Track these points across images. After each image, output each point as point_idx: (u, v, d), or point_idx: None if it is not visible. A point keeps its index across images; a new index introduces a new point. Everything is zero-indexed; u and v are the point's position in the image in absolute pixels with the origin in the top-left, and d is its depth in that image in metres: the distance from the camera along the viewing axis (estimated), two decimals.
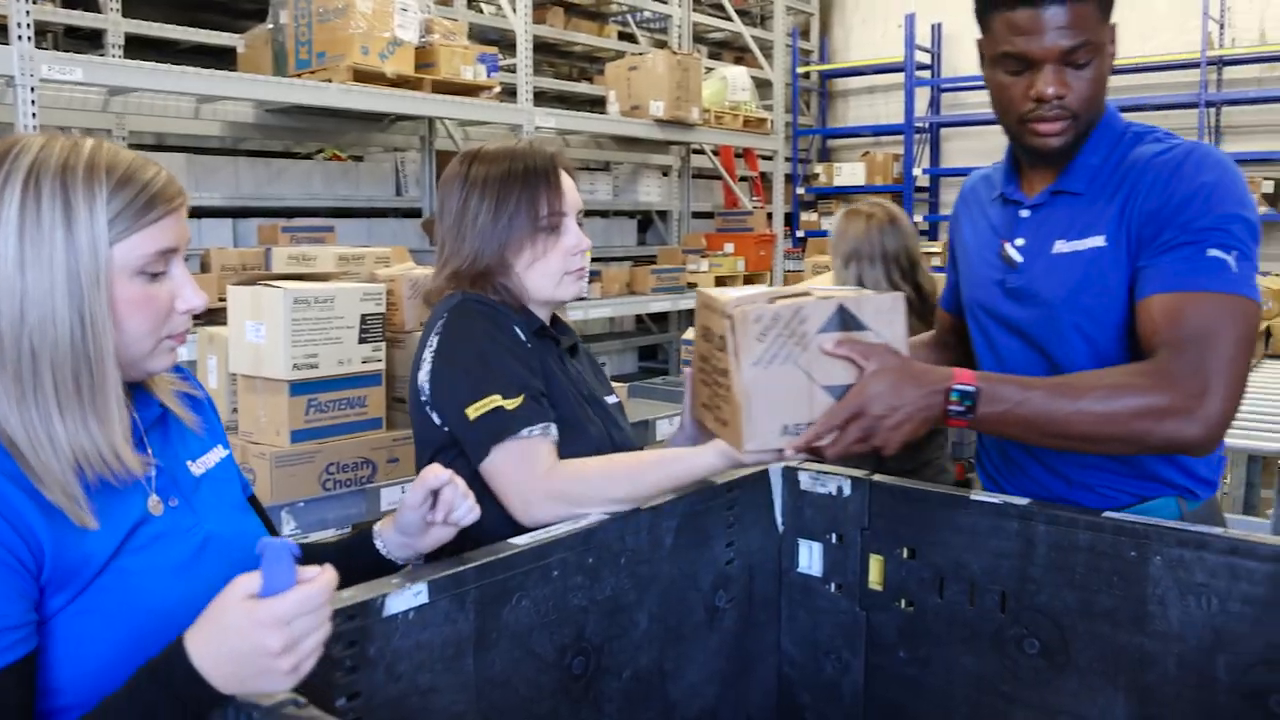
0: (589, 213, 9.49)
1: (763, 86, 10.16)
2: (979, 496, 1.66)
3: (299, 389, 2.83)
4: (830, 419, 1.51)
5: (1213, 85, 9.55)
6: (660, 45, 9.75)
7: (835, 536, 1.78)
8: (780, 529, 1.83)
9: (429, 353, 1.76)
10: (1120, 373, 1.61)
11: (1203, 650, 1.48)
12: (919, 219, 11.64)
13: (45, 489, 1.16)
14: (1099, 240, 1.73)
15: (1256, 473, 4.72)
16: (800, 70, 12.09)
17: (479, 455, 1.67)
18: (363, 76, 5.66)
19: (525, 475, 1.64)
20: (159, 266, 1.24)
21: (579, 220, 1.90)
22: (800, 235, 12.14)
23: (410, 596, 1.28)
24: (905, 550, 1.72)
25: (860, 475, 1.77)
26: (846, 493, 1.77)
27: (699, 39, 10.60)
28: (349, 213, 7.37)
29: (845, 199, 12.28)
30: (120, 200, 1.20)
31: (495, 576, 1.38)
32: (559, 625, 1.47)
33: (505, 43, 8.00)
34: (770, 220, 9.76)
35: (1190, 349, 1.55)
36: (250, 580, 1.04)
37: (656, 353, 10.41)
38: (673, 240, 9.70)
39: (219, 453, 1.45)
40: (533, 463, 1.65)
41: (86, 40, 6.59)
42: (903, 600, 1.73)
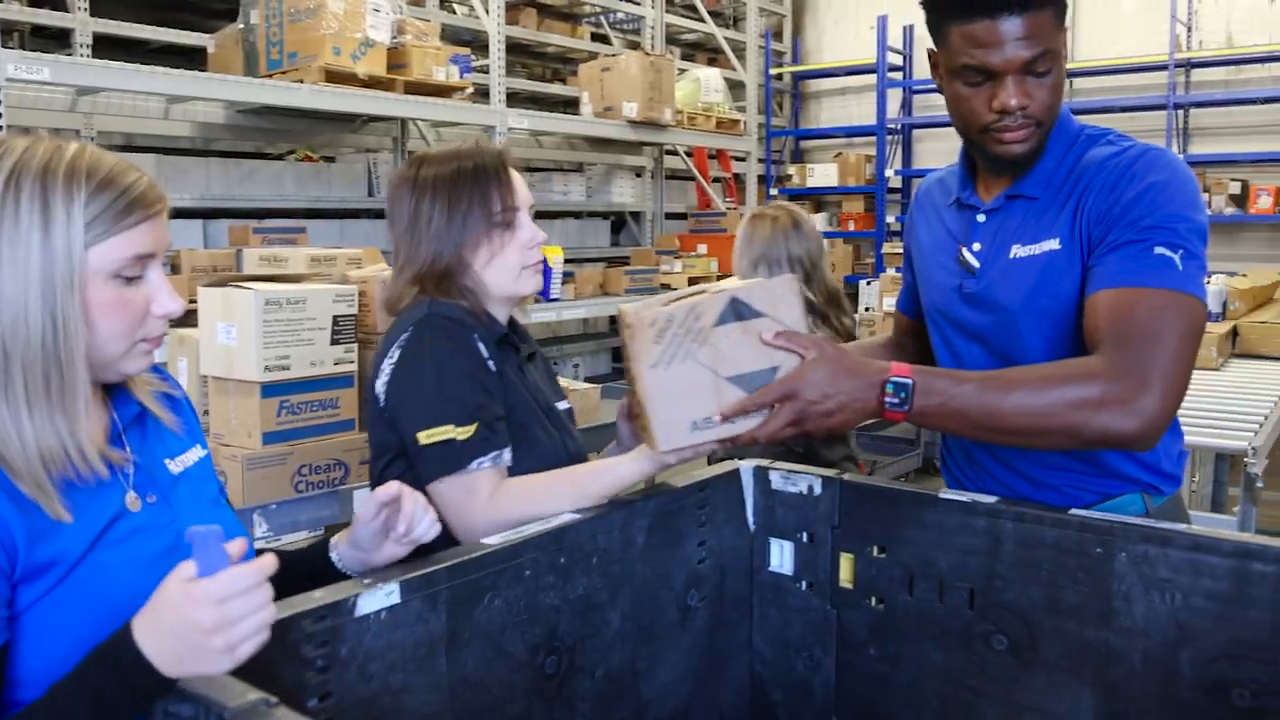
0: (563, 214, 9.50)
1: (736, 88, 10.19)
2: (948, 495, 1.68)
3: (270, 391, 2.83)
4: (761, 398, 1.54)
5: (1180, 88, 9.63)
6: (633, 46, 9.76)
7: (806, 535, 1.79)
8: (752, 528, 1.84)
9: (389, 364, 1.76)
10: (1058, 365, 1.61)
11: (1167, 645, 1.49)
12: (891, 220, 11.70)
13: (20, 482, 1.17)
14: (1054, 244, 1.74)
15: (1224, 470, 4.77)
16: (773, 71, 12.13)
17: (425, 479, 1.69)
18: (334, 77, 5.64)
19: (469, 505, 1.67)
20: (135, 271, 1.25)
21: (530, 216, 1.92)
22: None
23: (382, 596, 1.28)
24: (875, 548, 1.73)
25: (831, 474, 1.79)
26: (817, 491, 1.78)
27: (672, 40, 10.62)
28: (321, 214, 7.35)
29: (819, 200, 12.35)
30: (98, 204, 1.21)
31: (467, 576, 1.38)
32: (531, 625, 1.47)
33: (478, 43, 7.99)
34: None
35: (1132, 344, 1.55)
36: (190, 565, 1.07)
37: None
38: (646, 241, 9.71)
39: (197, 452, 1.46)
40: (477, 493, 1.68)
41: (54, 39, 6.54)
42: (873, 598, 1.74)
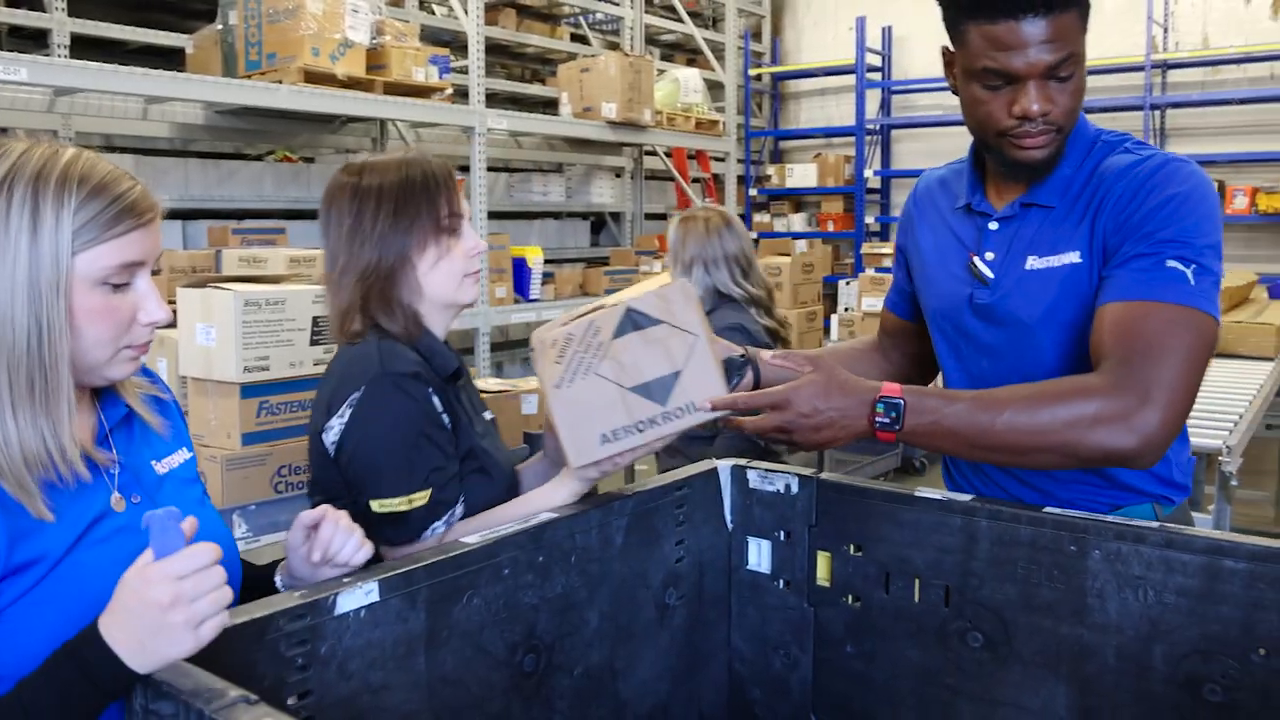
0: (542, 214, 9.50)
1: (715, 88, 10.21)
2: (923, 493, 1.69)
3: (250, 391, 2.83)
4: (754, 399, 1.57)
5: (1157, 88, 9.69)
6: (612, 47, 9.77)
7: (783, 534, 1.80)
8: (729, 527, 1.85)
9: (339, 421, 1.73)
10: (1052, 383, 1.58)
11: (1140, 641, 1.51)
12: (871, 220, 11.73)
13: (3, 481, 1.18)
14: (1074, 256, 1.70)
15: (1201, 469, 4.80)
16: (752, 72, 12.15)
17: (378, 543, 1.62)
18: (313, 78, 5.63)
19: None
20: (122, 278, 1.26)
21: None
22: (753, 237, 12.19)
23: (361, 595, 1.28)
24: (852, 547, 1.74)
25: (808, 473, 1.80)
26: (794, 490, 1.79)
27: (651, 41, 10.62)
28: (300, 214, 7.31)
29: (798, 200, 12.37)
30: (88, 211, 1.22)
31: (446, 575, 1.38)
32: (510, 623, 1.48)
33: (457, 44, 7.98)
34: None
35: (1135, 358, 1.52)
36: (148, 554, 1.09)
37: None
38: (626, 242, 9.73)
39: (183, 454, 1.47)
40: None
41: (31, 40, 6.50)
42: (850, 596, 1.75)
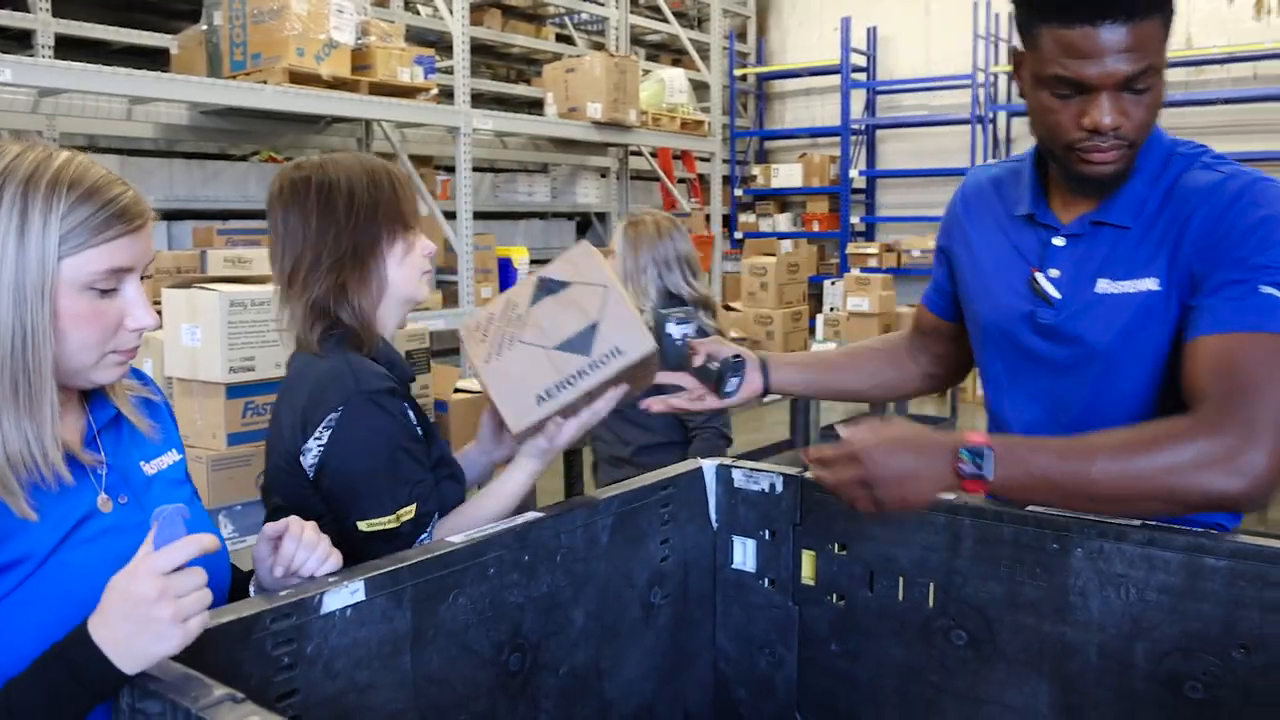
0: (528, 215, 9.51)
1: (700, 89, 10.22)
2: None
3: (235, 392, 2.82)
4: (827, 454, 1.50)
5: None
6: (598, 47, 9.78)
7: (768, 533, 1.81)
8: (714, 526, 1.85)
9: (316, 444, 1.71)
10: (1147, 427, 1.50)
11: (1122, 638, 1.51)
12: (856, 220, 11.77)
13: None
14: (1151, 283, 1.60)
15: None
16: (737, 72, 12.17)
17: (362, 556, 1.55)
18: (298, 78, 5.62)
19: None
20: (110, 284, 1.25)
21: None
22: (738, 237, 12.22)
23: (347, 594, 1.28)
24: (836, 545, 1.74)
25: (793, 472, 1.80)
26: (779, 489, 1.79)
27: (636, 41, 10.64)
28: None
29: (783, 200, 12.39)
30: (76, 216, 1.21)
31: (432, 574, 1.38)
32: (496, 622, 1.48)
33: (442, 44, 7.99)
34: (708, 222, 9.83)
35: (1234, 395, 1.42)
36: (144, 551, 1.09)
37: None
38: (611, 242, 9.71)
39: (172, 456, 1.47)
40: None
41: (15, 40, 6.48)
42: (834, 595, 1.75)
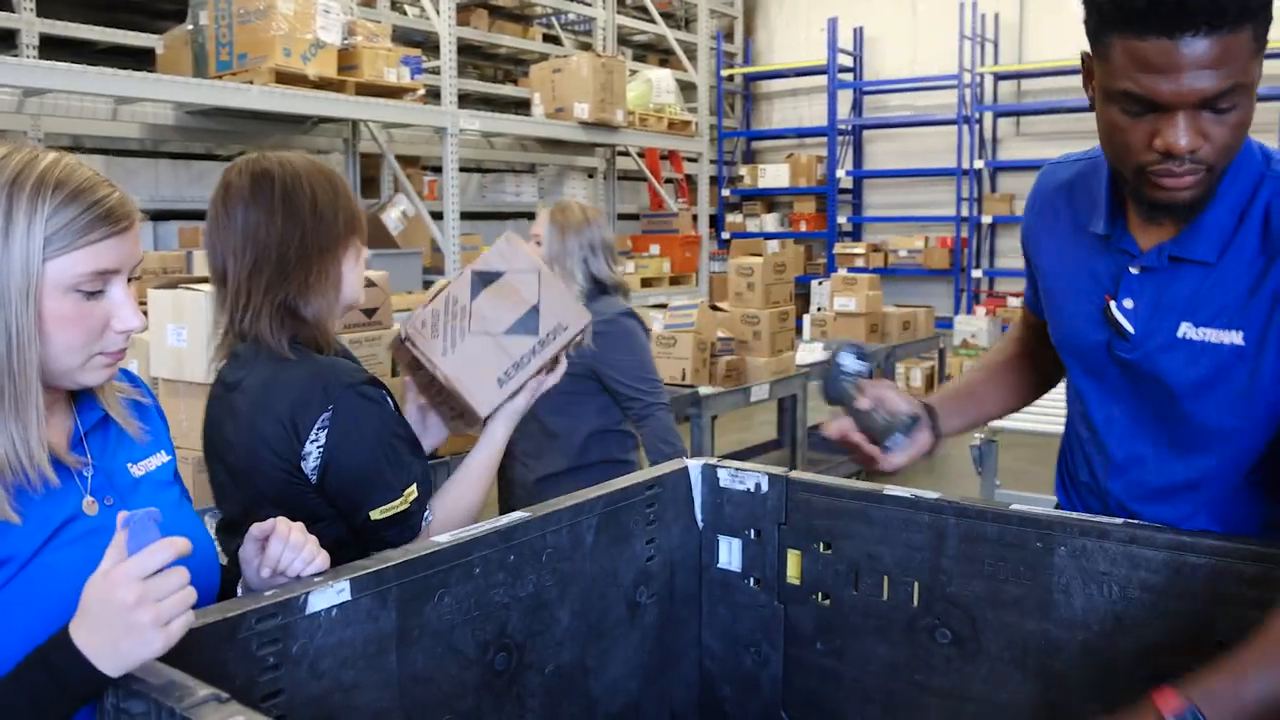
0: (515, 215, 9.50)
1: (687, 89, 10.23)
2: (892, 491, 1.69)
3: None
4: None
5: None
6: (585, 48, 9.78)
7: (754, 532, 1.81)
8: (700, 525, 1.86)
9: (314, 447, 1.69)
10: None
11: (1105, 636, 1.52)
12: (843, 220, 11.79)
13: None
14: (1236, 337, 1.46)
15: None
16: (724, 73, 12.18)
17: (379, 547, 1.56)
18: (285, 78, 5.61)
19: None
20: (95, 286, 1.25)
21: None
22: (725, 237, 12.24)
23: (332, 594, 1.28)
24: (821, 545, 1.75)
25: (779, 472, 1.81)
26: (765, 489, 1.79)
27: (623, 41, 10.64)
28: None
29: (770, 200, 12.41)
30: (61, 217, 1.21)
31: (417, 574, 1.39)
32: (481, 622, 1.48)
33: (429, 45, 7.98)
34: (695, 222, 9.83)
35: None
36: (111, 555, 1.09)
37: None
38: None
39: (161, 457, 1.46)
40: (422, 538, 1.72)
41: None
42: (819, 594, 1.76)
